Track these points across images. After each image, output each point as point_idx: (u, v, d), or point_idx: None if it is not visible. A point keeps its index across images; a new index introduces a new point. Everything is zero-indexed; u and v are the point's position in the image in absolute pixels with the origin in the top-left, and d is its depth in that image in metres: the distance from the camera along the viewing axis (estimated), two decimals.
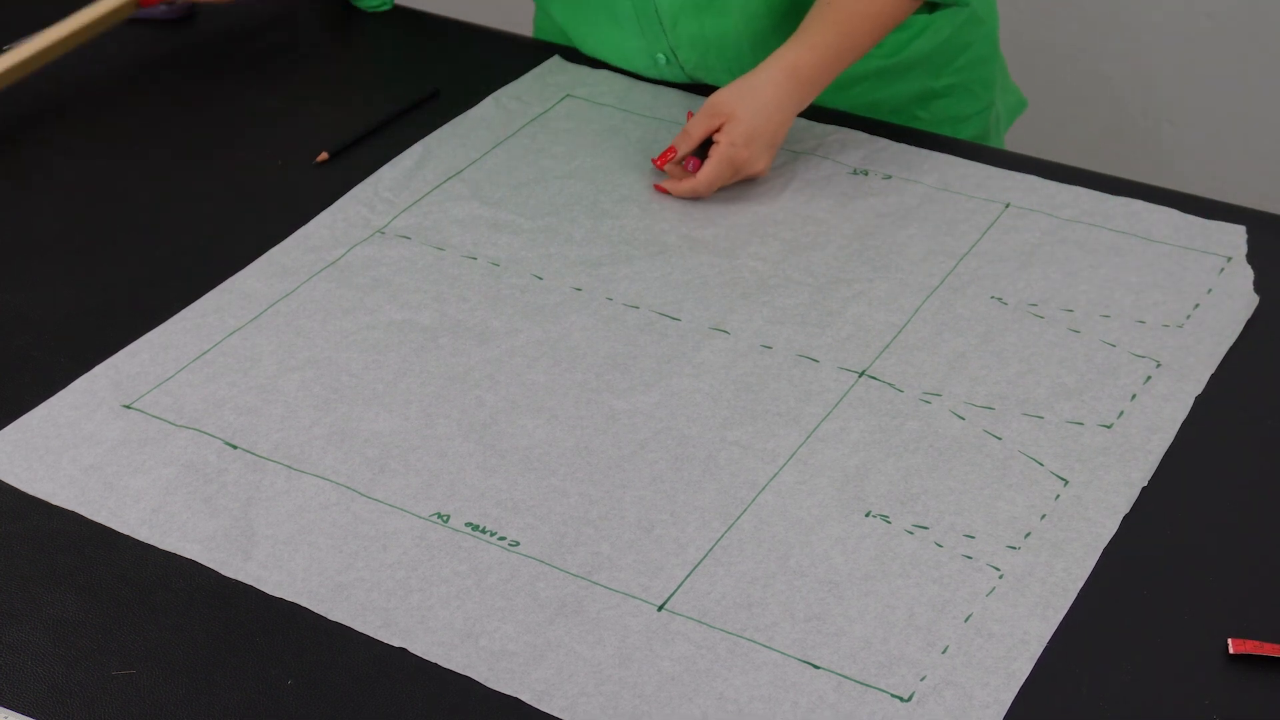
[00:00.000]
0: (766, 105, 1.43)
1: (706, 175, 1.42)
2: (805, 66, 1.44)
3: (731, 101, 1.43)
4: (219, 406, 1.21)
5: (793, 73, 1.44)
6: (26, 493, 1.14)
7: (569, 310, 1.30)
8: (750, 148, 1.42)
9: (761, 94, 1.43)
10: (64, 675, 1.00)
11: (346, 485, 1.14)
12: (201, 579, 1.07)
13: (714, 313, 1.30)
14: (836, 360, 1.25)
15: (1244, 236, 1.38)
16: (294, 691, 0.99)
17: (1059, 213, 1.41)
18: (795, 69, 1.44)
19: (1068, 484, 1.13)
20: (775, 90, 1.43)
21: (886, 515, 1.11)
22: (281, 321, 1.30)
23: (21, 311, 1.31)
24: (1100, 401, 1.20)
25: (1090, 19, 2.53)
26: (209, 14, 1.75)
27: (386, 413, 1.20)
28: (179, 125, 1.58)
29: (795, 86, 1.44)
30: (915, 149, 1.50)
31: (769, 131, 1.43)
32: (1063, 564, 1.07)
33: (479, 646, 1.02)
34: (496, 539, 1.10)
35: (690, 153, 1.44)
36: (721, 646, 1.02)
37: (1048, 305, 1.30)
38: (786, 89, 1.44)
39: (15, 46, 1.55)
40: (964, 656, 1.01)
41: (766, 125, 1.42)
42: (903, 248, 1.37)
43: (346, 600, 1.05)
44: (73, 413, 1.20)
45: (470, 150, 1.51)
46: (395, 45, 1.70)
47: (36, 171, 1.50)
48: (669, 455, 1.16)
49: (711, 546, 1.09)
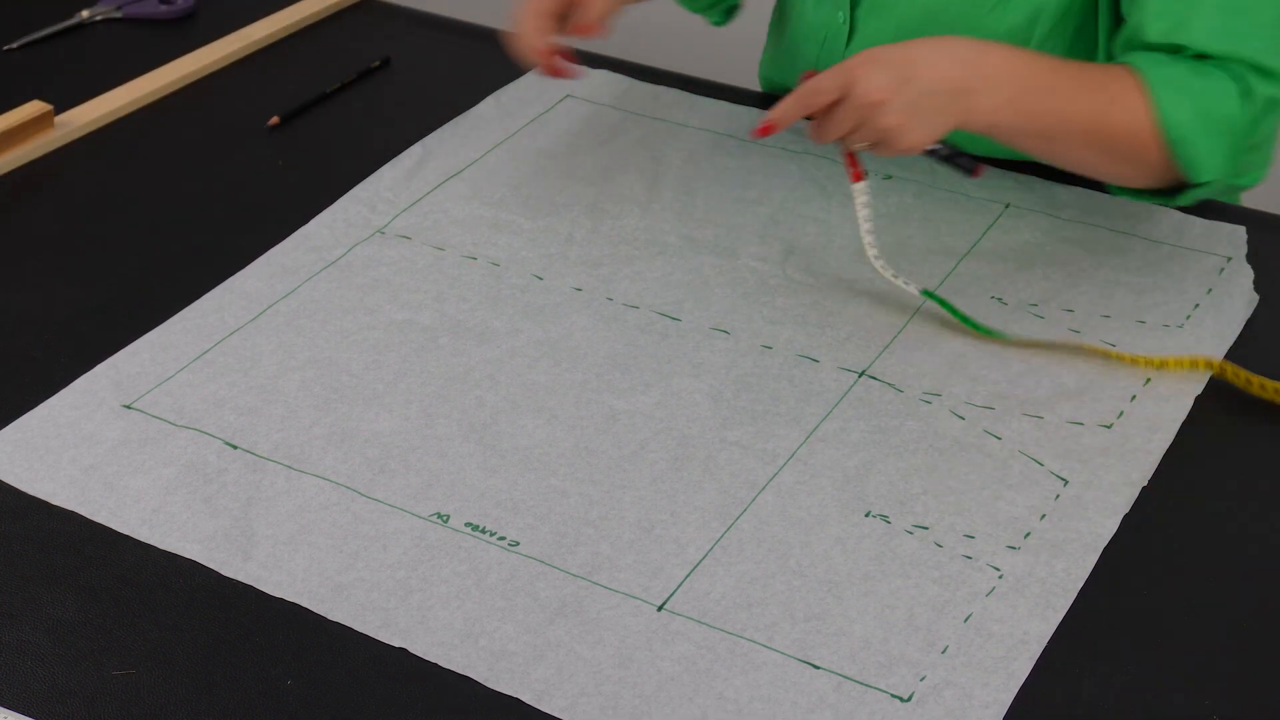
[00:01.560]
0: (921, 44, 1.22)
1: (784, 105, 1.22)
2: (1020, 59, 1.25)
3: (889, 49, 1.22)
4: (219, 406, 1.21)
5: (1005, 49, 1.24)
6: (26, 493, 1.14)
7: (569, 310, 1.30)
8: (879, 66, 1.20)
9: (922, 42, 1.22)
10: (64, 675, 1.00)
11: (346, 485, 1.14)
12: (201, 579, 1.07)
13: (714, 313, 1.30)
14: (836, 360, 1.25)
15: (1244, 236, 1.38)
16: (294, 691, 0.99)
17: (1059, 213, 1.41)
18: (984, 48, 1.24)
19: (1068, 484, 1.13)
20: (945, 45, 1.23)
21: (886, 515, 1.11)
22: (281, 321, 1.30)
23: (21, 311, 1.31)
24: (1100, 401, 1.20)
25: None
26: (209, 14, 1.75)
27: (386, 413, 1.20)
28: (179, 125, 1.58)
29: (976, 56, 1.23)
30: None
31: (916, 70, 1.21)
32: (1062, 564, 1.07)
33: (479, 646, 1.02)
34: (496, 539, 1.10)
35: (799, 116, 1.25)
36: (721, 646, 1.02)
37: (1048, 305, 1.30)
38: (960, 48, 1.23)
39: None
40: (964, 656, 1.01)
41: (912, 58, 1.21)
42: (903, 248, 1.37)
43: (346, 600, 1.05)
44: (73, 413, 1.20)
45: (470, 150, 1.51)
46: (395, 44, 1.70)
47: (36, 171, 1.50)
48: (669, 455, 1.16)
49: (711, 546, 1.09)
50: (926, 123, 1.22)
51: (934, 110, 1.22)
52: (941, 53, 1.23)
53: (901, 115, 1.21)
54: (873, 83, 1.20)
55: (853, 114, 1.21)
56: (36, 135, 1.52)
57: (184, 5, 1.75)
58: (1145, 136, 1.27)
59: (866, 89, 1.20)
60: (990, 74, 1.23)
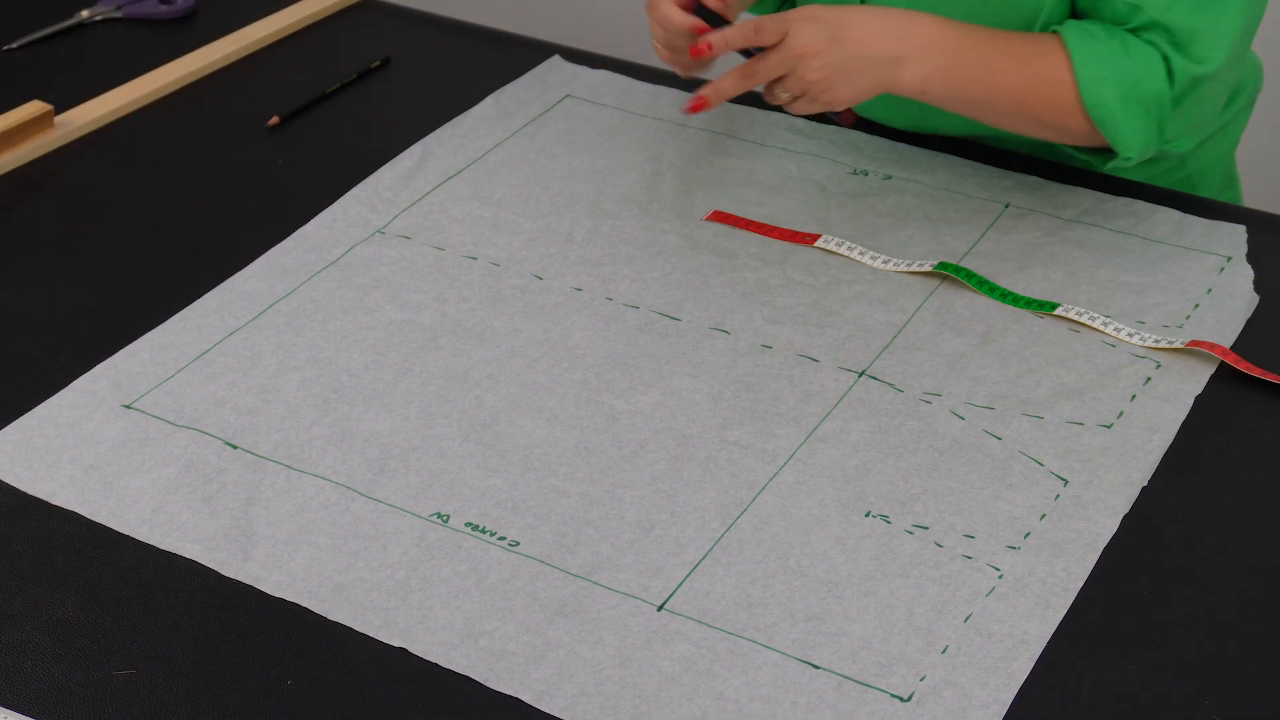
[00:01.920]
0: (858, 11, 1.30)
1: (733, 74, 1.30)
2: (951, 31, 1.32)
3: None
4: (219, 406, 1.21)
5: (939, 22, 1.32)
6: (26, 493, 1.14)
7: (569, 310, 1.30)
8: (812, 23, 1.28)
9: (861, 8, 1.31)
10: (64, 675, 1.00)
11: (346, 485, 1.14)
12: (201, 579, 1.07)
13: (714, 313, 1.30)
14: (836, 360, 1.25)
15: (1244, 236, 1.38)
16: (294, 691, 0.99)
17: (1059, 213, 1.41)
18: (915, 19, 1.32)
19: (1067, 484, 1.13)
20: (879, 14, 1.31)
21: (886, 515, 1.11)
22: (281, 321, 1.30)
23: (21, 311, 1.31)
24: (1100, 401, 1.20)
25: None
26: (209, 14, 1.75)
27: (386, 413, 1.20)
28: (179, 125, 1.58)
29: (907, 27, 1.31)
30: (915, 149, 1.50)
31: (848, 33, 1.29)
32: (1062, 564, 1.07)
33: (479, 646, 1.02)
34: (496, 539, 1.10)
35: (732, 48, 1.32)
36: (721, 646, 1.02)
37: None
38: (892, 18, 1.31)
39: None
40: (964, 656, 1.01)
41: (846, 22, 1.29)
42: (903, 248, 1.37)
43: (346, 600, 1.05)
44: (73, 413, 1.20)
45: (470, 150, 1.51)
46: (395, 44, 1.70)
47: (36, 171, 1.50)
48: (669, 455, 1.16)
49: (711, 546, 1.09)
50: (851, 83, 1.31)
51: (860, 73, 1.31)
52: (876, 21, 1.32)
53: (827, 71, 1.30)
54: (804, 36, 1.29)
55: (782, 62, 1.30)
56: (36, 135, 1.52)
57: (184, 5, 1.75)
58: (1070, 111, 1.33)
59: (799, 40, 1.29)
60: (920, 45, 1.32)
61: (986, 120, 1.37)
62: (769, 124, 1.53)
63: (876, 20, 1.32)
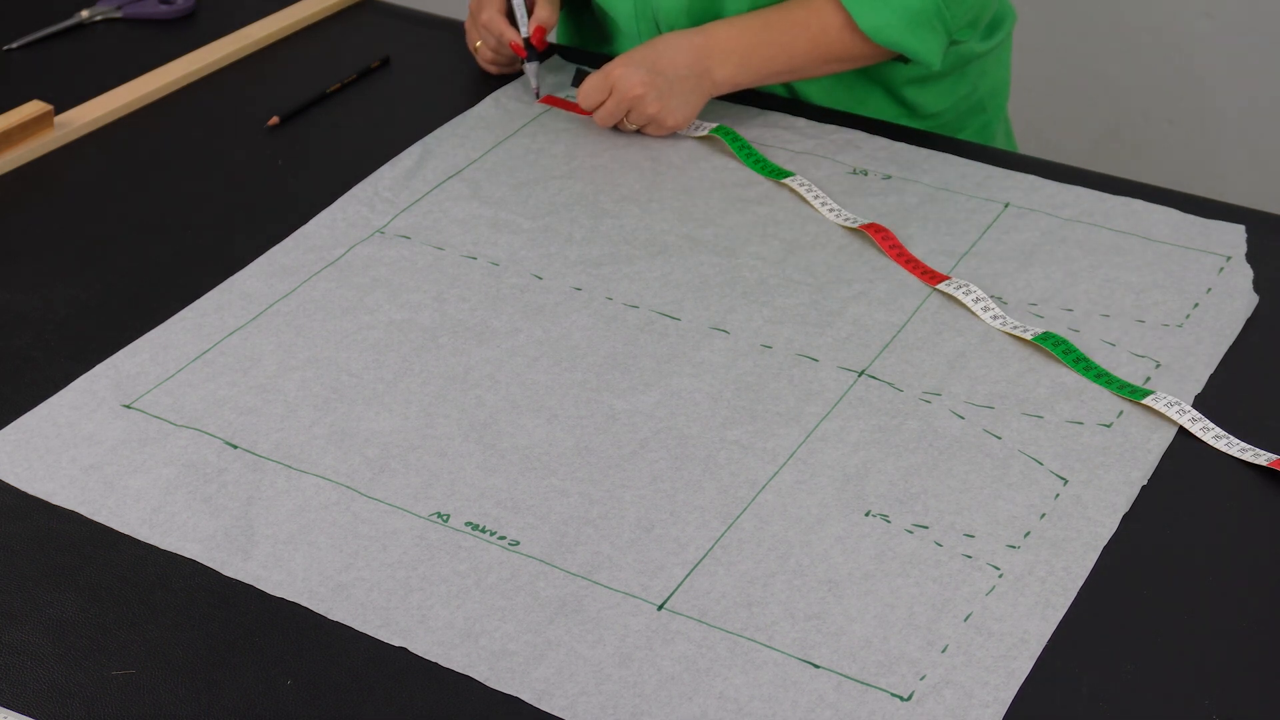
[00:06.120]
0: (661, 42, 1.48)
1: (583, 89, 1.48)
2: (738, 27, 1.49)
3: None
4: (219, 406, 1.21)
5: (726, 25, 1.49)
6: (26, 493, 1.14)
7: (569, 310, 1.30)
8: (632, 66, 1.46)
9: (663, 39, 1.49)
10: (64, 675, 1.00)
11: (346, 485, 1.14)
12: (201, 579, 1.07)
13: (714, 313, 1.30)
14: (836, 360, 1.25)
15: (1244, 236, 1.38)
16: (294, 691, 0.99)
17: (1059, 213, 1.41)
18: (708, 31, 1.49)
19: (1067, 483, 1.13)
20: (679, 38, 1.49)
21: (886, 515, 1.11)
22: (281, 321, 1.30)
23: (21, 311, 1.31)
24: (1100, 401, 1.20)
25: (1090, 19, 2.53)
26: (209, 14, 1.75)
27: (386, 412, 1.20)
28: (179, 125, 1.58)
29: (703, 40, 1.48)
30: (915, 149, 1.50)
31: (660, 63, 1.47)
32: (1062, 563, 1.07)
33: (479, 646, 1.02)
34: (496, 539, 1.10)
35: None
36: (721, 646, 1.02)
37: (1048, 305, 1.30)
38: (690, 38, 1.49)
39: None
40: (964, 655, 1.01)
41: (656, 54, 1.47)
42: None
43: (346, 600, 1.05)
44: (73, 412, 1.20)
45: (470, 150, 1.51)
46: (395, 44, 1.70)
47: (36, 171, 1.50)
48: (669, 455, 1.16)
49: (711, 546, 1.09)
50: (682, 103, 1.49)
51: (685, 92, 1.48)
52: (678, 44, 1.49)
53: (659, 101, 1.47)
54: (630, 80, 1.47)
55: (620, 106, 1.48)
56: (36, 135, 1.52)
57: (184, 5, 1.75)
58: (861, 45, 1.49)
59: (627, 85, 1.47)
60: (718, 49, 1.49)
61: (806, 78, 1.54)
62: (769, 124, 1.53)
63: (678, 42, 1.48)
